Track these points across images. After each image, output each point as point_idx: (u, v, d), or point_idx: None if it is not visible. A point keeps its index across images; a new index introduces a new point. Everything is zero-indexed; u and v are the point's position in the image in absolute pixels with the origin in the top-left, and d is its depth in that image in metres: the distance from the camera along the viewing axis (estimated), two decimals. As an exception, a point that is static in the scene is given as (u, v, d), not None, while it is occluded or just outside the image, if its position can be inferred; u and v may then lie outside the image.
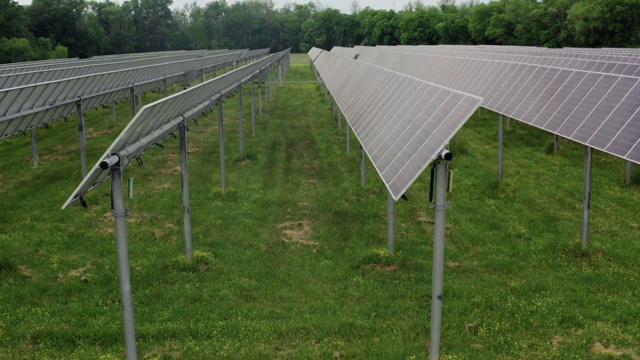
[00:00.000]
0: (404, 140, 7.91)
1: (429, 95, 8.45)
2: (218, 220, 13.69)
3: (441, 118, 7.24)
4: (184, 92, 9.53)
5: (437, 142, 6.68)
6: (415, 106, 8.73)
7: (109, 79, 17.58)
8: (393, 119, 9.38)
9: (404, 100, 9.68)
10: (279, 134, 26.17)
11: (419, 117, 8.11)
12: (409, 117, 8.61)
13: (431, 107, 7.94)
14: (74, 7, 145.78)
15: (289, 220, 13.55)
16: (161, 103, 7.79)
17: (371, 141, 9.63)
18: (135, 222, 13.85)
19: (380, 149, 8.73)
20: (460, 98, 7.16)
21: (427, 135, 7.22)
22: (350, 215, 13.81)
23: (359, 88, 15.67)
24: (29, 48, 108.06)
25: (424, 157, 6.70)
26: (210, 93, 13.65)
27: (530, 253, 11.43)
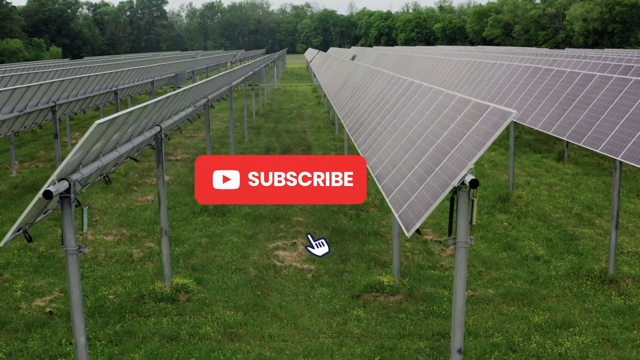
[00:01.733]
0: (415, 159, 6.65)
1: (443, 105, 7.21)
2: (203, 239, 12.43)
3: (461, 133, 5.99)
4: (158, 99, 8.28)
5: (458, 164, 5.43)
6: (426, 117, 7.48)
7: (89, 82, 16.31)
8: (400, 130, 8.13)
9: (411, 109, 8.43)
10: (273, 139, 24.92)
11: (432, 130, 6.86)
12: (419, 130, 7.36)
13: (447, 119, 6.69)
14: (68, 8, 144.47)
15: (281, 239, 12.30)
16: (125, 114, 6.53)
17: (374, 155, 8.38)
18: (113, 241, 12.58)
19: (385, 167, 7.47)
20: (483, 109, 5.91)
21: (443, 154, 5.97)
22: (349, 233, 12.56)
23: (358, 92, 14.42)
24: (23, 49, 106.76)
25: (443, 183, 5.45)
26: (195, 98, 12.39)
27: (551, 279, 10.19)
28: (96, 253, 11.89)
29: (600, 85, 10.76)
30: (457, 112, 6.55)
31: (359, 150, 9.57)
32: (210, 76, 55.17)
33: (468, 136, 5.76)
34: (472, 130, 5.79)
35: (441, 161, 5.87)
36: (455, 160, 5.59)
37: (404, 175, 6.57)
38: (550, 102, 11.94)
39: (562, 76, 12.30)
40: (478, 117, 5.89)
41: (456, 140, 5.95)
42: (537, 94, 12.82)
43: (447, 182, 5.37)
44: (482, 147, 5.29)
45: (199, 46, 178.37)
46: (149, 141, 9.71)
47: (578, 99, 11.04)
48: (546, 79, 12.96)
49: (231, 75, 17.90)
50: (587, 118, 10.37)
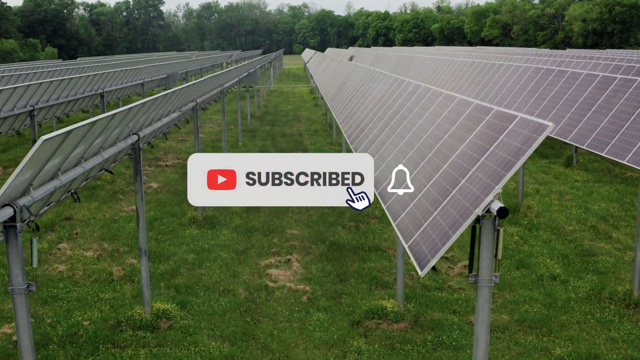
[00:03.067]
0: (426, 176, 5.71)
1: (456, 112, 6.27)
2: (190, 255, 11.48)
3: (482, 148, 5.05)
4: (133, 105, 7.32)
5: (482, 187, 4.49)
6: (437, 126, 6.53)
7: (71, 85, 15.35)
8: (406, 140, 7.19)
9: (418, 116, 7.49)
10: (268, 142, 23.97)
11: (445, 143, 5.91)
12: (429, 141, 6.42)
13: (463, 130, 5.75)
14: (64, 8, 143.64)
15: (274, 255, 11.35)
16: (87, 125, 5.58)
17: (377, 170, 7.43)
18: (93, 257, 11.64)
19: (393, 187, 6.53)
20: (509, 120, 4.97)
21: (461, 172, 5.03)
22: (348, 248, 11.61)
23: (357, 95, 13.48)
24: (17, 49, 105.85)
25: (463, 210, 4.51)
26: (181, 102, 11.44)
27: (570, 303, 9.25)
28: (74, 271, 10.94)
29: (622, 89, 9.83)
30: (474, 122, 5.61)
31: (360, 161, 8.63)
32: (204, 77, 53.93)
33: (492, 152, 4.82)
34: (496, 145, 4.85)
35: (459, 181, 4.93)
36: (477, 181, 4.65)
37: (413, 196, 5.62)
38: (566, 107, 11.01)
39: (578, 78, 11.36)
40: (502, 130, 4.94)
41: (476, 156, 5.01)
42: (550, 97, 11.89)
43: (469, 209, 4.42)
44: (511, 167, 4.35)
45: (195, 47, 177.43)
46: (126, 151, 8.76)
47: (598, 104, 10.11)
48: (559, 81, 12.03)
49: (223, 77, 16.94)
50: (609, 125, 9.44)
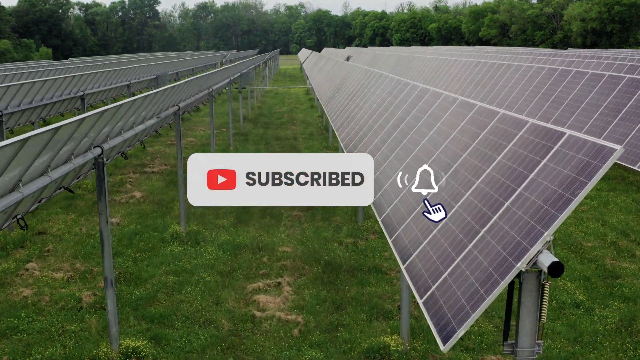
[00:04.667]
0: (444, 207, 4.56)
1: (476, 124, 5.13)
2: (170, 277, 10.33)
3: (519, 175, 3.91)
4: (92, 113, 6.17)
5: (524, 231, 3.36)
6: (452, 140, 5.39)
7: (45, 87, 14.18)
8: (414, 156, 6.04)
9: (428, 126, 6.35)
10: (261, 147, 22.81)
11: (466, 163, 4.78)
12: (442, 159, 5.28)
13: (489, 148, 4.61)
14: (59, 8, 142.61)
15: (263, 278, 10.20)
16: (19, 141, 4.43)
17: (379, 188, 6.28)
18: (63, 279, 10.49)
19: (396, 210, 5.39)
20: (554, 138, 3.84)
21: (493, 206, 3.90)
22: (345, 269, 10.47)
23: (355, 99, 12.34)
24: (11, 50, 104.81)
25: (500, 261, 3.37)
26: (160, 107, 10.28)
27: (598, 337, 8.12)
28: (40, 296, 9.78)
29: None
30: (503, 139, 4.47)
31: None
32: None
33: (532, 181, 3.69)
34: (538, 171, 3.72)
35: (489, 218, 3.79)
36: (515, 220, 3.51)
37: (427, 230, 4.48)
38: (588, 112, 9.87)
39: (600, 81, 10.23)
40: (545, 151, 3.81)
41: (512, 185, 3.88)
42: (568, 101, 10.76)
43: (506, 260, 3.29)
44: (565, 205, 3.22)
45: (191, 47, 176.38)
46: (89, 166, 7.61)
47: (626, 110, 8.97)
48: (578, 83, 10.90)
49: (211, 78, 15.78)
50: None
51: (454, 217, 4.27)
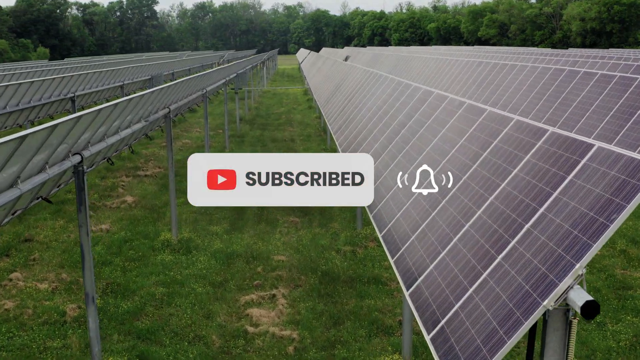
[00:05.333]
0: (453, 226, 4.08)
1: (487, 131, 4.64)
2: (159, 288, 9.84)
3: (541, 193, 3.42)
4: (67, 118, 5.68)
5: (549, 260, 2.88)
6: (459, 149, 4.91)
7: (32, 89, 13.68)
8: (418, 165, 5.54)
9: (433, 132, 5.87)
10: (257, 149, 22.31)
11: (477, 175, 4.29)
12: (453, 171, 4.78)
13: (503, 159, 4.12)
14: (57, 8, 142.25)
15: (257, 289, 9.71)
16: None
17: (380, 199, 5.80)
18: (47, 290, 10.00)
19: (398, 225, 4.90)
20: (580, 150, 3.36)
21: (510, 229, 3.41)
22: (343, 280, 9.98)
23: (353, 101, 11.85)
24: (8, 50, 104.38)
25: (522, 296, 2.89)
26: (149, 109, 9.79)
27: (612, 354, 7.64)
28: (22, 309, 9.29)
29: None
30: (520, 149, 3.98)
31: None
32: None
33: (557, 201, 3.20)
34: (563, 189, 3.23)
35: (506, 242, 3.31)
36: (538, 247, 3.03)
37: (434, 252, 3.99)
38: (598, 115, 9.38)
39: (611, 82, 9.75)
40: (570, 165, 3.33)
41: (533, 204, 3.39)
42: (577, 103, 10.27)
43: (531, 296, 2.80)
44: (600, 232, 2.74)
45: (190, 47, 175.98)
46: (67, 177, 7.12)
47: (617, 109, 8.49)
48: (587, 84, 10.41)
49: (205, 79, 15.28)
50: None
51: (465, 238, 3.79)
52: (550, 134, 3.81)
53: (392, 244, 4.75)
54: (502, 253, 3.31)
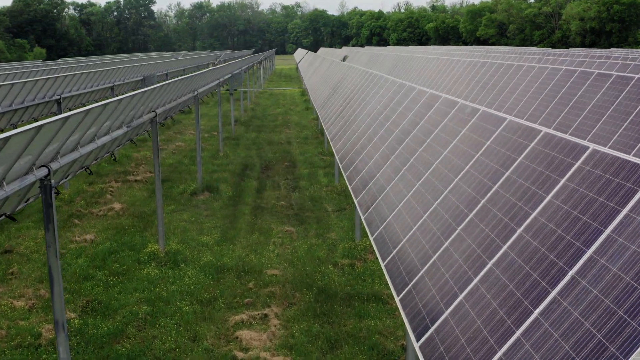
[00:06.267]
0: (471, 261, 3.39)
1: (512, 146, 3.96)
2: (143, 307, 9.14)
3: (586, 228, 2.73)
4: (25, 128, 5.00)
5: (608, 331, 2.15)
6: (476, 165, 4.22)
7: (14, 91, 12.98)
8: (425, 182, 4.87)
9: (442, 144, 5.19)
10: (252, 152, 21.62)
11: (498, 199, 3.60)
12: (466, 192, 4.10)
13: (532, 181, 3.44)
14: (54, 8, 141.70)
15: (248, 308, 9.01)
16: None
17: (381, 220, 5.10)
18: (24, 307, 9.30)
19: (411, 262, 4.20)
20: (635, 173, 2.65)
21: (547, 273, 2.72)
22: (341, 297, 9.29)
23: (352, 104, 11.16)
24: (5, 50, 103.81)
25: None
26: (132, 114, 9.09)
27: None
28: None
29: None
30: (554, 169, 3.29)
31: (356, 200, 6.31)
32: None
33: (611, 241, 2.50)
34: (617, 226, 2.53)
35: (545, 292, 2.61)
36: (591, 306, 2.32)
37: (449, 295, 3.29)
38: (615, 120, 8.70)
39: (628, 84, 9.06)
40: (624, 193, 2.63)
41: (577, 244, 2.70)
42: (590, 107, 9.58)
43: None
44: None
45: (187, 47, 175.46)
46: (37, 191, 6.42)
47: None
48: (601, 87, 9.73)
49: (197, 80, 14.59)
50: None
51: (489, 280, 3.10)
52: (591, 152, 3.12)
53: (398, 277, 4.06)
54: (540, 307, 2.63)
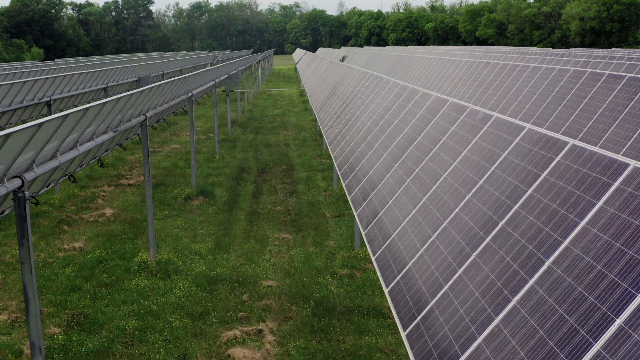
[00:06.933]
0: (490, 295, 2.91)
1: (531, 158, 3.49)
2: (131, 321, 8.66)
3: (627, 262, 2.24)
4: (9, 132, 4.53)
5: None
6: (491, 179, 3.75)
7: (1, 92, 12.50)
8: (432, 195, 4.40)
9: (451, 154, 4.72)
10: (249, 155, 21.14)
11: (523, 224, 3.12)
12: (486, 213, 3.62)
13: (561, 203, 2.97)
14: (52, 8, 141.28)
15: (242, 323, 8.54)
16: None
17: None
18: (6, 321, 8.84)
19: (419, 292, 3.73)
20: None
21: (593, 325, 2.22)
22: (340, 311, 8.81)
23: (351, 107, 10.68)
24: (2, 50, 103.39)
25: None
26: (118, 118, 8.61)
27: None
28: (-27, 346, 8.12)
29: None
30: (587, 189, 2.82)
31: (355, 212, 5.83)
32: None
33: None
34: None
35: (587, 344, 2.13)
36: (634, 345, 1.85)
37: (466, 335, 2.82)
38: (630, 124, 8.23)
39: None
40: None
41: (626, 287, 2.22)
42: (603, 110, 9.12)
43: None
44: None
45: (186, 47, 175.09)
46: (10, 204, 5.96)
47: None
48: (613, 89, 9.25)
49: (190, 82, 14.12)
50: None
51: (514, 321, 2.63)
52: (633, 170, 2.66)
53: (404, 307, 3.59)
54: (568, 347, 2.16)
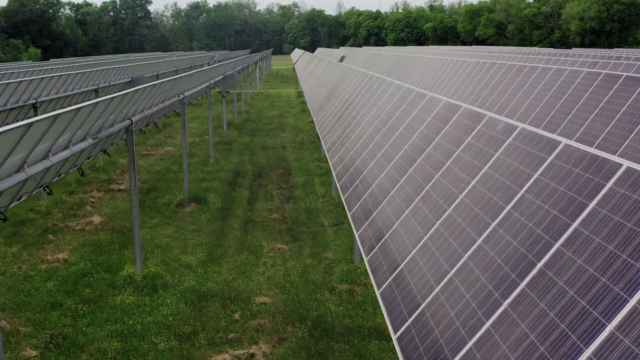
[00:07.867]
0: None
1: (573, 181, 2.86)
2: (114, 343, 8.01)
3: None
4: None
5: None
6: (527, 207, 3.11)
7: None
8: (447, 219, 3.74)
9: (467, 169, 4.11)
10: (245, 158, 20.49)
11: (578, 271, 2.46)
12: (515, 246, 2.97)
13: (620, 246, 2.30)
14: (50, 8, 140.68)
15: (233, 345, 7.89)
16: None
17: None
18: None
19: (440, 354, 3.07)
20: None
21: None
22: (339, 332, 8.17)
23: (350, 110, 10.03)
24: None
25: None
26: (99, 123, 7.96)
27: None
28: (-60, 371, 7.44)
29: None
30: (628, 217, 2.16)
31: (356, 233, 5.17)
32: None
33: None
34: None
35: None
36: None
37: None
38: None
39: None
40: None
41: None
42: (621, 114, 8.47)
43: None
44: None
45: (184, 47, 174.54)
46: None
47: None
48: (633, 92, 8.61)
49: (183, 83, 13.46)
50: None
51: None
52: None
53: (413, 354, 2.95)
54: None
